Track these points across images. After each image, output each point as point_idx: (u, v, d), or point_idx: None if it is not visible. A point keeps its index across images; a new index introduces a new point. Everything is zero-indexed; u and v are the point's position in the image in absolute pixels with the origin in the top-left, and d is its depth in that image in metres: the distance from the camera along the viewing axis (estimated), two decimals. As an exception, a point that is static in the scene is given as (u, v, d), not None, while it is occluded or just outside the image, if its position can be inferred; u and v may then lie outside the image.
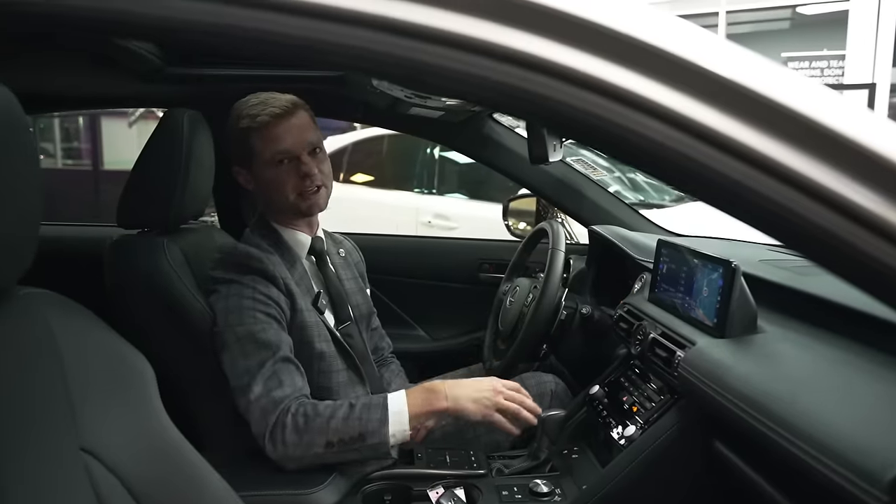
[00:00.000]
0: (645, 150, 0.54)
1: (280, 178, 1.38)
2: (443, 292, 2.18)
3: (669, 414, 1.21)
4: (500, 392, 1.31)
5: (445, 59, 0.54)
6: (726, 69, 0.52)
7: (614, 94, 0.52)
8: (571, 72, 0.52)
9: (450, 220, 4.31)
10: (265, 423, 1.21)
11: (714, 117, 0.52)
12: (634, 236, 1.72)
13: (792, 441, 0.84)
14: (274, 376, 1.25)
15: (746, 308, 1.15)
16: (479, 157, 2.07)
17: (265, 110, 1.35)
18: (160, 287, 1.36)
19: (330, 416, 1.22)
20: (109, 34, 0.69)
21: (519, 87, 0.53)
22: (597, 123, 0.54)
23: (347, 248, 1.65)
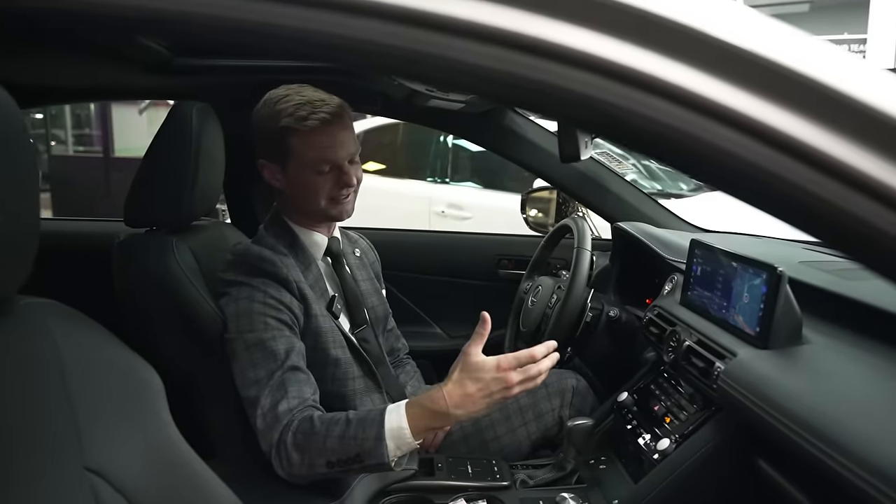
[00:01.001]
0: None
1: (318, 184, 1.31)
2: (460, 289, 2.12)
3: (706, 427, 1.15)
4: (505, 373, 1.10)
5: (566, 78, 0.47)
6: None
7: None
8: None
9: (463, 210, 4.24)
10: (270, 439, 1.16)
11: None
12: (662, 234, 1.64)
13: (845, 465, 0.78)
14: (281, 387, 1.19)
15: (791, 316, 1.07)
16: (499, 150, 2.00)
17: (314, 114, 1.26)
18: (169, 289, 1.31)
19: (326, 435, 1.12)
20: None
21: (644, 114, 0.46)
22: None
23: (363, 248, 1.59)
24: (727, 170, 0.48)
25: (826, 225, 0.48)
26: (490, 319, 1.15)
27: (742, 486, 1.08)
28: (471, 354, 1.12)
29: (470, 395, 1.09)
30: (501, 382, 1.10)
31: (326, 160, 1.30)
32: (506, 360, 1.10)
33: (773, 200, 0.49)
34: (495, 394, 1.10)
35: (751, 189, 0.49)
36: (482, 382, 1.10)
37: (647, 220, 1.87)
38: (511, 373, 1.10)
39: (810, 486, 0.95)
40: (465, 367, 1.11)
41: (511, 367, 1.10)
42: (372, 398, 1.40)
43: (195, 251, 1.40)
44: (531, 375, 1.11)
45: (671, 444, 1.19)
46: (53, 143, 9.06)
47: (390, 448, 1.10)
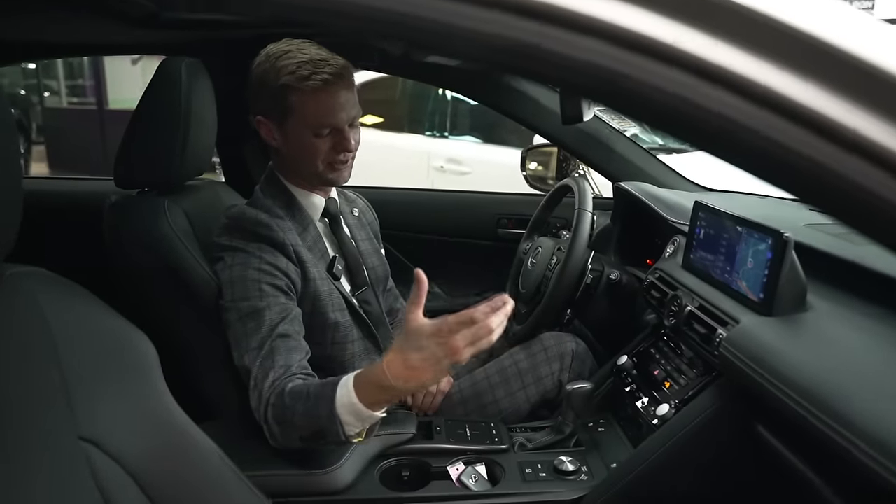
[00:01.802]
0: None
1: (316, 147, 1.27)
2: (459, 248, 2.09)
3: (706, 393, 1.14)
4: (448, 337, 0.97)
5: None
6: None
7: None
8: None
9: (462, 165, 4.18)
10: (258, 412, 1.14)
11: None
12: (665, 194, 1.61)
13: (847, 437, 0.78)
14: (269, 356, 1.16)
15: (796, 283, 1.05)
16: (499, 107, 1.94)
17: (316, 74, 1.21)
18: (162, 252, 1.29)
19: (293, 411, 1.08)
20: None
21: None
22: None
23: (361, 207, 1.56)
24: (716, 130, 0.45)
25: (825, 191, 0.45)
26: (426, 279, 1.02)
27: (741, 452, 1.08)
28: (409, 321, 1.01)
29: (413, 366, 0.99)
30: (446, 347, 0.97)
31: (326, 123, 1.25)
32: (447, 324, 0.98)
33: (767, 164, 0.46)
34: (442, 360, 0.98)
35: (742, 151, 0.46)
36: (426, 350, 0.98)
37: (649, 179, 1.83)
38: (455, 336, 0.97)
39: (810, 454, 0.94)
40: (406, 334, 1.01)
41: (453, 330, 0.97)
42: (371, 360, 1.39)
43: (188, 213, 1.37)
44: (479, 336, 0.98)
45: (670, 409, 1.18)
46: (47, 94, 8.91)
47: (348, 422, 1.05)
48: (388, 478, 1.24)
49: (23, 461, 0.67)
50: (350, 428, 1.06)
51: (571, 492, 1.17)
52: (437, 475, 1.23)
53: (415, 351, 0.99)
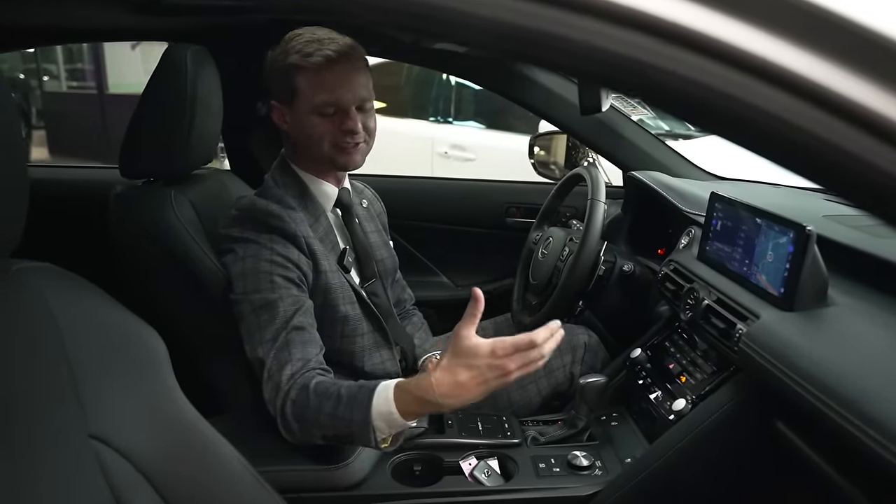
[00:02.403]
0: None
1: (320, 127, 1.24)
2: (467, 237, 2.07)
3: (724, 388, 1.12)
4: (501, 360, 0.98)
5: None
6: None
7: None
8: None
9: (467, 151, 4.14)
10: (275, 405, 1.13)
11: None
12: (679, 184, 1.58)
13: (875, 438, 0.76)
14: (285, 348, 1.14)
15: (818, 277, 1.03)
16: (508, 94, 1.91)
17: (320, 51, 1.19)
18: (168, 244, 1.27)
19: (318, 410, 1.07)
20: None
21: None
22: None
23: (369, 198, 1.53)
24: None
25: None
26: (483, 297, 1.02)
27: (759, 449, 1.07)
28: (462, 338, 0.99)
29: (462, 384, 0.98)
30: (497, 370, 0.98)
31: (329, 101, 1.22)
32: (502, 346, 0.97)
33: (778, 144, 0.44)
34: (491, 381, 0.98)
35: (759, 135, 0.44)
36: (476, 370, 0.98)
37: (660, 167, 1.80)
38: (508, 359, 0.97)
39: (831, 452, 0.93)
40: (457, 351, 0.99)
41: (508, 353, 0.97)
42: (381, 353, 1.38)
43: (195, 203, 1.35)
44: (531, 359, 0.98)
45: (687, 404, 1.17)
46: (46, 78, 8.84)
47: (380, 429, 1.04)
48: (399, 472, 1.23)
49: (30, 458, 0.67)
50: (380, 434, 1.05)
51: (586, 487, 1.16)
52: (449, 470, 1.22)
53: (465, 369, 0.98)
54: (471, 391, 0.99)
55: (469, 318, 1.01)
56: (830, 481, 0.93)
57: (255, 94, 1.85)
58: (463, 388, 0.98)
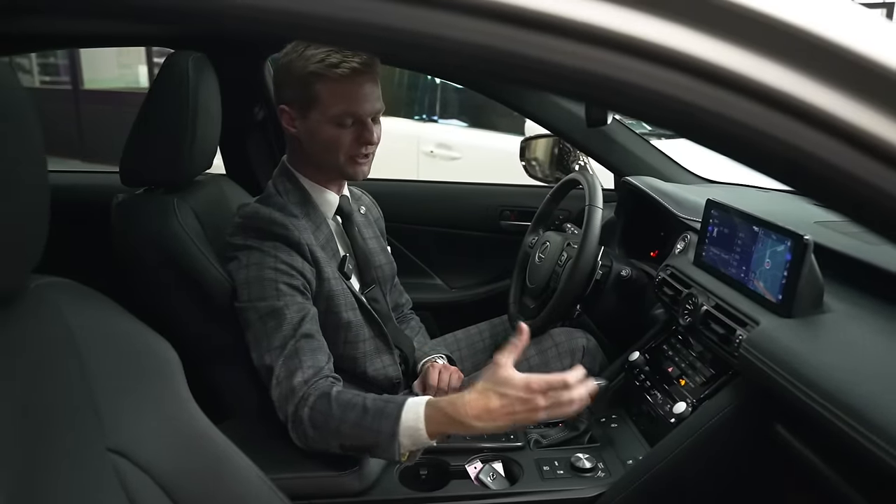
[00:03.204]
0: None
1: (339, 138, 1.26)
2: (461, 240, 2.09)
3: (723, 392, 1.16)
4: (533, 395, 1.01)
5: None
6: None
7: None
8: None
9: (452, 150, 4.16)
10: (286, 411, 1.15)
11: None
12: (673, 190, 1.62)
13: (874, 441, 0.79)
14: (294, 356, 1.17)
15: (814, 285, 1.07)
16: (499, 97, 1.93)
17: (346, 62, 1.20)
18: (173, 253, 1.27)
19: (341, 419, 1.10)
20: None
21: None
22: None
23: (367, 204, 1.55)
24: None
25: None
26: (528, 332, 1.08)
27: (758, 451, 1.10)
28: (500, 366, 1.03)
29: (491, 410, 1.02)
30: (527, 404, 1.01)
31: (350, 112, 1.24)
32: (537, 382, 1.01)
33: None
34: (518, 414, 1.02)
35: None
36: (507, 399, 1.01)
37: (652, 171, 1.84)
38: (539, 396, 1.01)
39: (830, 454, 0.96)
40: (493, 378, 1.03)
41: (541, 389, 1.01)
42: (382, 358, 1.40)
43: (197, 212, 1.35)
44: (561, 401, 1.02)
45: (687, 407, 1.20)
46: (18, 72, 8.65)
47: (404, 445, 1.07)
48: (406, 477, 1.24)
49: (51, 472, 0.67)
50: (404, 448, 1.07)
51: (590, 489, 1.19)
52: (455, 474, 1.24)
53: (497, 397, 1.02)
54: (498, 419, 1.02)
55: (510, 348, 1.05)
56: (829, 482, 0.96)
57: (252, 98, 1.85)
58: (491, 415, 1.02)
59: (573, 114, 1.83)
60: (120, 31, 1.63)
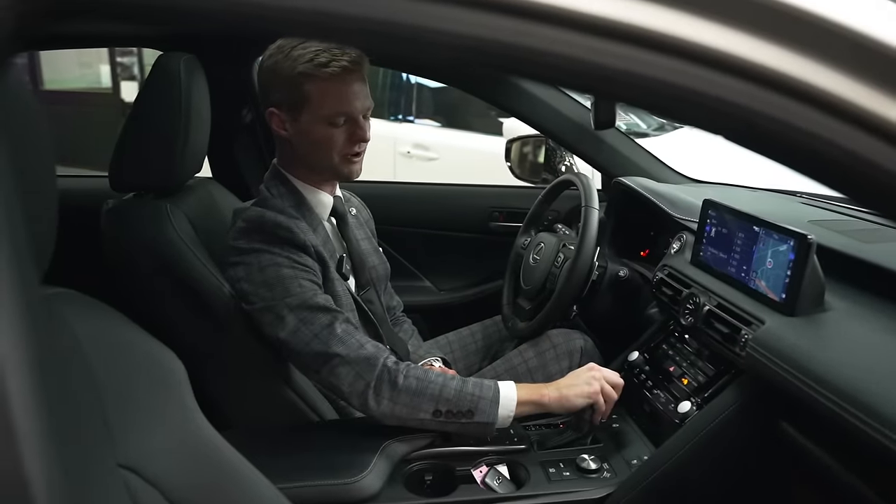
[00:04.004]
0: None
1: (332, 138, 1.25)
2: (450, 242, 2.08)
3: (728, 390, 1.17)
4: (603, 376, 1.25)
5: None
6: None
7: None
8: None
9: (429, 151, 4.15)
10: (364, 381, 1.17)
11: None
12: (667, 190, 1.63)
13: (888, 435, 0.81)
14: (349, 336, 1.20)
15: (817, 284, 1.09)
16: (488, 97, 1.93)
17: (335, 61, 1.19)
18: (170, 260, 1.24)
19: (443, 385, 1.18)
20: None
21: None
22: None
23: (356, 206, 1.54)
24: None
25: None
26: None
27: (764, 447, 1.12)
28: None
29: (564, 379, 1.26)
30: (590, 372, 1.26)
31: (342, 111, 1.23)
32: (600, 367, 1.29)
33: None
34: (583, 376, 1.25)
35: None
36: (575, 373, 1.28)
37: (640, 171, 1.85)
38: (601, 371, 1.27)
39: (838, 449, 0.98)
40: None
41: (604, 371, 1.27)
42: None
43: (190, 217, 1.32)
44: (616, 383, 1.26)
45: (692, 406, 1.21)
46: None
47: (500, 413, 1.18)
48: (412, 483, 1.23)
49: (61, 490, 0.65)
50: (497, 418, 1.19)
51: (597, 490, 1.19)
52: (461, 478, 1.23)
53: (574, 373, 1.28)
54: (569, 382, 1.24)
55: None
56: (836, 476, 0.98)
57: (240, 100, 1.82)
58: (564, 380, 1.25)
59: (562, 114, 1.84)
60: (107, 32, 1.58)
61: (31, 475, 0.43)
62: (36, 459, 0.43)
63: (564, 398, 1.22)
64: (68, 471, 0.67)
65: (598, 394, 1.22)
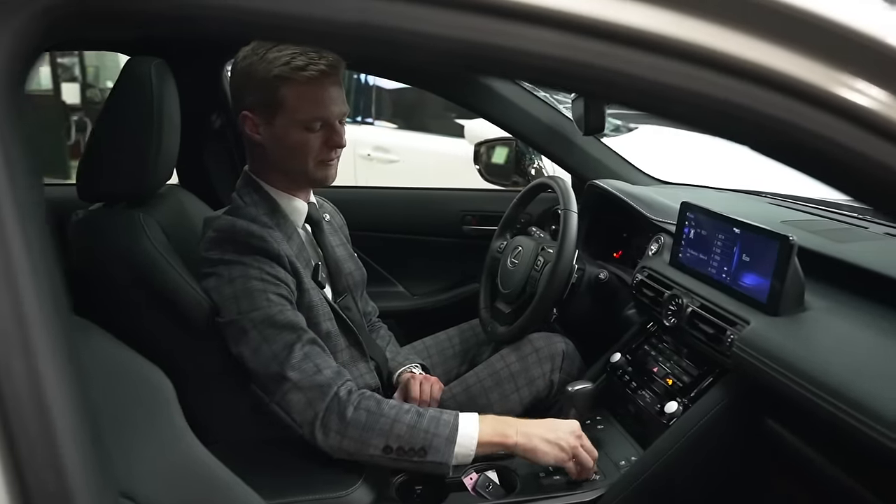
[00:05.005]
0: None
1: (308, 143, 1.22)
2: (422, 246, 2.07)
3: (714, 389, 1.19)
4: (580, 438, 1.17)
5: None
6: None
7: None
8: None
9: (390, 153, 4.12)
10: (313, 410, 1.12)
11: None
12: (641, 193, 1.66)
13: (877, 429, 0.83)
14: (307, 360, 1.15)
15: (798, 283, 1.12)
16: (457, 99, 1.93)
17: (312, 64, 1.17)
18: (146, 272, 1.20)
19: (395, 419, 1.11)
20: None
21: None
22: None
23: (330, 212, 1.52)
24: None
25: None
26: None
27: (751, 444, 1.14)
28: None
29: (538, 425, 1.17)
30: (570, 429, 1.17)
31: (319, 116, 1.21)
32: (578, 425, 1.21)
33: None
34: (561, 433, 1.16)
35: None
36: (553, 423, 1.19)
37: (611, 173, 1.88)
38: (580, 430, 1.19)
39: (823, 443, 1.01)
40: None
41: (585, 443, 1.19)
42: (358, 367, 1.37)
43: (163, 226, 1.28)
44: (590, 448, 1.19)
45: (679, 406, 1.23)
46: None
47: (456, 453, 1.11)
48: (403, 494, 1.22)
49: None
50: (456, 457, 1.12)
51: (588, 493, 1.19)
52: (452, 486, 1.22)
53: (553, 423, 1.19)
54: (543, 434, 1.15)
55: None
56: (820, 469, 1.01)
57: (209, 105, 1.77)
58: (538, 428, 1.16)
59: (533, 116, 1.85)
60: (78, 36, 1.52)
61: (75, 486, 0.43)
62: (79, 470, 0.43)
63: (532, 451, 1.14)
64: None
65: (568, 461, 1.15)
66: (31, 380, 0.40)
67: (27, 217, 0.40)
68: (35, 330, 0.40)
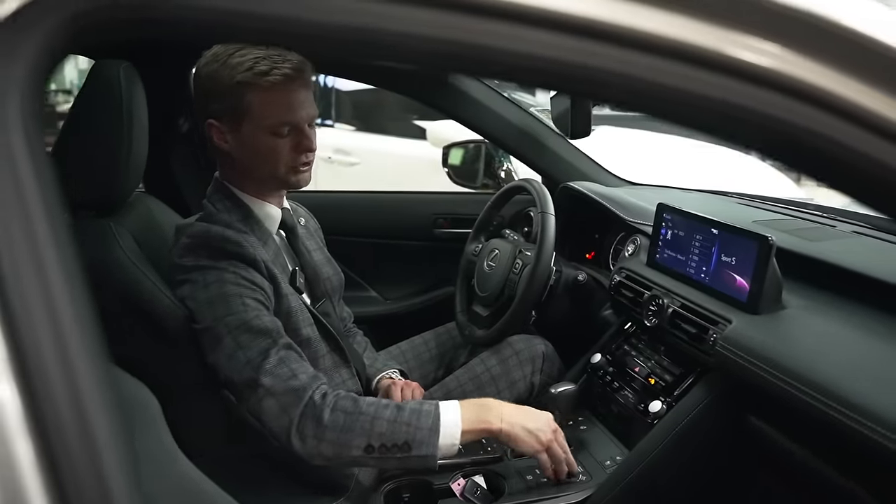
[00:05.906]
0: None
1: (277, 148, 1.19)
2: (394, 250, 2.05)
3: (697, 388, 1.21)
4: (556, 432, 1.17)
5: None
6: None
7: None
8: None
9: (350, 155, 4.08)
10: (287, 417, 1.08)
11: None
12: (614, 194, 1.68)
13: (862, 423, 0.86)
14: (282, 365, 1.11)
15: (776, 282, 1.15)
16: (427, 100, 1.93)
17: (277, 69, 1.13)
18: (120, 283, 1.15)
19: (374, 416, 1.07)
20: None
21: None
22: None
23: (304, 216, 1.50)
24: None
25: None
26: None
27: (735, 441, 1.16)
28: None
29: (519, 412, 1.16)
30: (548, 422, 1.18)
31: (286, 121, 1.18)
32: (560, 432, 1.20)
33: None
34: (541, 425, 1.16)
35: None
36: (533, 413, 1.19)
37: (581, 175, 1.90)
38: (556, 425, 1.19)
39: (805, 438, 1.04)
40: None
41: (561, 443, 1.19)
42: (340, 372, 1.35)
43: (135, 235, 1.23)
44: (563, 444, 1.19)
45: (663, 405, 1.24)
46: None
47: (440, 443, 1.08)
48: (391, 501, 1.20)
49: None
50: (440, 448, 1.09)
51: (576, 494, 1.20)
52: (440, 493, 1.21)
53: (533, 413, 1.19)
54: (524, 422, 1.14)
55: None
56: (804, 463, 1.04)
57: (176, 110, 1.72)
58: (519, 415, 1.15)
59: (504, 118, 1.86)
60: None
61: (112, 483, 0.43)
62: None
63: (514, 439, 1.14)
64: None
65: (542, 452, 1.16)
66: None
67: (56, 219, 0.41)
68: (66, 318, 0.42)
